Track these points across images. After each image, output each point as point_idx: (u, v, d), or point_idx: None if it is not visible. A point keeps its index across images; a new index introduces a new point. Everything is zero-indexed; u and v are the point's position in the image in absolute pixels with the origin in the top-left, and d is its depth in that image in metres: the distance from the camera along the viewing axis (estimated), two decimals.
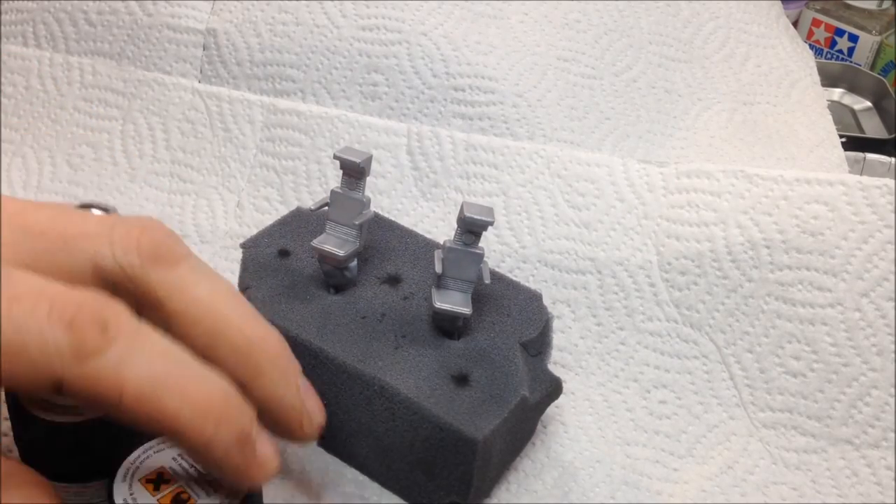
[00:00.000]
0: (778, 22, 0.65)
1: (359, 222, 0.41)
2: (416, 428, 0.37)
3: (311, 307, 0.41)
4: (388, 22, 0.55)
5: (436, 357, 0.39)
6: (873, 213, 0.44)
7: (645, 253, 0.47)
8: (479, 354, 0.39)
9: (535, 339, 0.41)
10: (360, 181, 0.41)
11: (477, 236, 0.39)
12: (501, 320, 0.41)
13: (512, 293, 0.43)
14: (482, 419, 0.36)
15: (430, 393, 0.37)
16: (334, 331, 0.40)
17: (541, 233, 0.48)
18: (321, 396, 0.36)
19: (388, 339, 0.40)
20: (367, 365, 0.38)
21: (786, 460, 0.43)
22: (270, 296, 0.41)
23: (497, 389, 0.38)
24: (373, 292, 0.42)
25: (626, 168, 0.49)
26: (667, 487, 0.42)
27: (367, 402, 0.38)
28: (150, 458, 0.32)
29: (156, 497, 0.31)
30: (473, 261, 0.39)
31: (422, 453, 0.38)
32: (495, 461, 0.38)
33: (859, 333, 0.44)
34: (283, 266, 0.43)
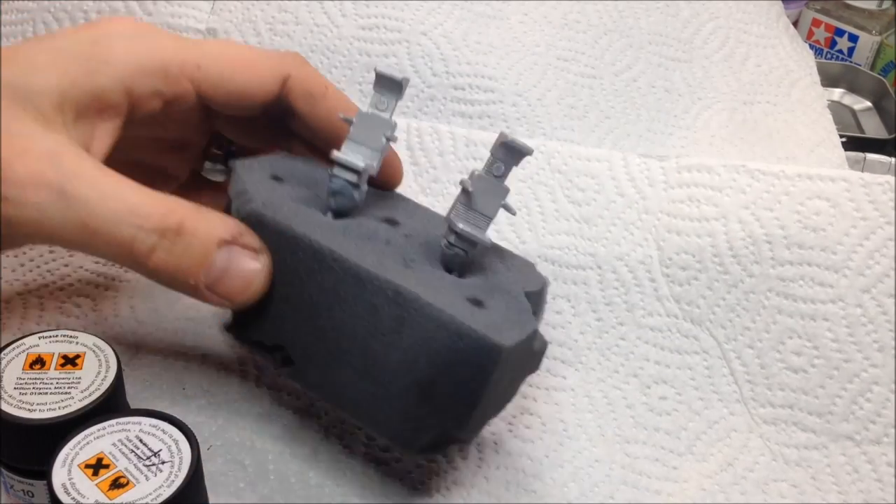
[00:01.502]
0: (778, 22, 0.65)
1: (383, 143, 0.39)
2: (429, 339, 0.34)
3: (316, 219, 0.38)
4: (388, 21, 0.55)
5: (447, 280, 0.37)
6: (875, 210, 0.44)
7: (645, 248, 0.47)
8: (489, 288, 0.38)
9: (534, 294, 0.39)
10: (392, 101, 0.39)
11: (507, 168, 0.38)
12: (504, 271, 0.40)
13: (509, 256, 0.42)
14: (505, 332, 0.34)
15: (447, 304, 0.35)
16: (342, 240, 0.37)
17: (541, 228, 0.48)
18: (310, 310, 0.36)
19: (396, 259, 0.37)
20: (380, 270, 0.36)
21: (786, 457, 0.43)
22: (272, 200, 0.38)
23: (514, 315, 0.36)
24: (374, 224, 0.40)
25: (626, 163, 0.49)
26: (666, 486, 0.42)
27: (371, 312, 0.35)
28: (90, 443, 0.33)
29: (94, 482, 0.31)
30: (499, 194, 0.38)
31: (426, 371, 0.35)
32: (500, 390, 0.36)
33: (860, 329, 0.43)
34: (280, 187, 0.40)
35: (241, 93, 0.40)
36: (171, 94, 0.39)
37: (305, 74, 0.41)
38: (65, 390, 0.35)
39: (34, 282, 0.48)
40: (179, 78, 0.39)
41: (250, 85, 0.40)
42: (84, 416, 0.34)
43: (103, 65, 0.37)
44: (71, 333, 0.38)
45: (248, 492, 0.39)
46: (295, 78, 0.41)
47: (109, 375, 0.36)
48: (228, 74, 0.40)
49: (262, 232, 0.37)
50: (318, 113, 0.42)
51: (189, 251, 0.34)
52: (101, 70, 0.37)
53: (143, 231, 0.34)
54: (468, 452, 0.42)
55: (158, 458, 0.32)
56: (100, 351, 0.37)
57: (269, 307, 0.37)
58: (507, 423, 0.44)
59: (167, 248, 0.34)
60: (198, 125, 0.43)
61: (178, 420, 0.34)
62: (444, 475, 0.41)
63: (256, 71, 0.40)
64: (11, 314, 0.46)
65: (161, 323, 0.46)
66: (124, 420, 0.34)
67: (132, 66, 0.38)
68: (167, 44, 0.39)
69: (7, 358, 0.36)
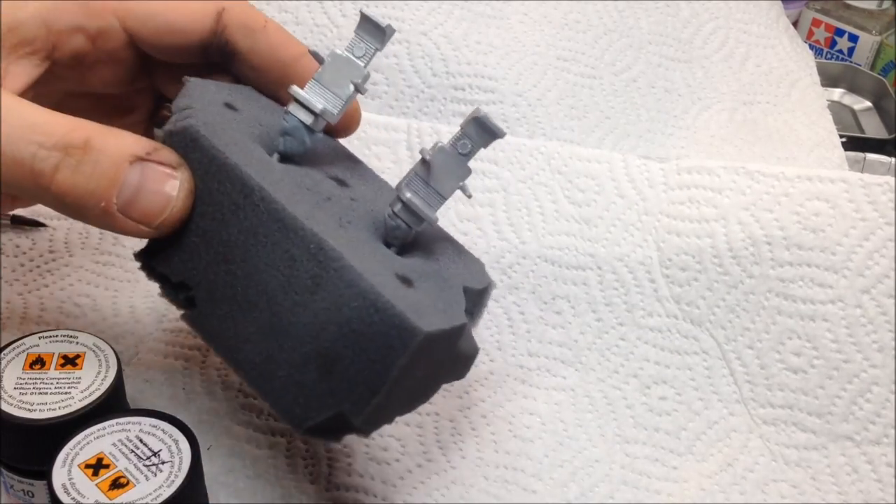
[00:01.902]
0: (778, 22, 0.65)
1: (350, 91, 0.36)
2: (343, 306, 0.31)
3: (257, 155, 0.35)
4: (388, 21, 0.55)
5: (382, 252, 0.34)
6: (874, 211, 0.44)
7: (645, 249, 0.47)
8: (424, 271, 0.35)
9: (475, 292, 0.36)
10: (371, 49, 0.36)
11: (475, 148, 0.35)
12: (447, 261, 0.37)
13: (458, 250, 0.39)
14: (427, 317, 0.31)
15: (372, 272, 0.31)
16: (277, 181, 0.33)
17: (541, 229, 0.48)
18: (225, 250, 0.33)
19: (331, 216, 0.34)
20: (309, 221, 0.32)
21: (786, 457, 0.43)
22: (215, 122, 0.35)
23: (442, 304, 0.33)
24: (319, 177, 0.36)
25: (626, 164, 0.49)
26: (666, 486, 0.42)
27: (288, 264, 0.32)
28: (90, 443, 0.33)
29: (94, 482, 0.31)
30: (459, 173, 0.35)
31: (333, 341, 0.31)
32: (410, 384, 0.32)
33: (860, 330, 0.43)
34: (233, 115, 0.36)
35: (171, 27, 0.37)
36: (94, 29, 0.36)
37: (241, 7, 0.38)
38: (65, 390, 0.35)
39: (34, 282, 0.48)
40: (102, 11, 0.37)
41: (180, 18, 0.37)
42: (84, 416, 0.34)
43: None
44: (71, 333, 0.38)
45: (248, 492, 0.39)
46: (230, 11, 0.38)
47: (109, 375, 0.36)
48: (156, 7, 0.37)
49: (192, 154, 0.33)
50: (258, 49, 0.39)
51: (97, 169, 0.31)
52: (19, 3, 0.35)
53: (45, 148, 0.31)
54: (468, 452, 0.42)
55: (158, 458, 0.32)
56: (100, 351, 0.37)
57: (183, 239, 0.34)
58: (507, 423, 0.44)
59: (72, 167, 0.31)
60: (136, 77, 0.40)
61: (178, 420, 0.34)
62: (444, 475, 0.41)
63: (187, 2, 0.38)
64: (11, 314, 0.46)
65: (161, 323, 0.46)
66: (124, 420, 0.34)
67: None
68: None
69: (7, 358, 0.36)
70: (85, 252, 0.49)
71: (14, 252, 0.49)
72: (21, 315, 0.46)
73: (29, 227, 0.49)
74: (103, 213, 0.32)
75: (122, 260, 0.49)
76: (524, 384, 0.45)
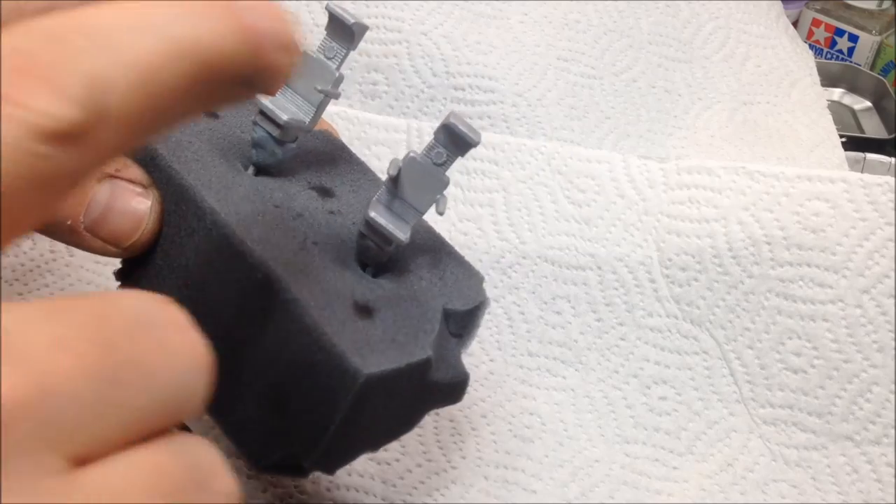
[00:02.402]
0: (778, 22, 0.65)
1: (321, 92, 0.33)
2: (289, 341, 0.29)
3: (220, 171, 0.32)
4: (388, 21, 0.55)
5: (343, 276, 0.31)
6: (874, 211, 0.44)
7: (645, 249, 0.47)
8: (393, 295, 0.32)
9: (461, 314, 0.34)
10: (342, 50, 0.34)
11: (451, 157, 0.32)
12: (431, 278, 0.34)
13: (454, 264, 0.36)
14: (373, 356, 0.29)
15: (322, 305, 0.29)
16: (236, 202, 0.31)
17: (541, 229, 0.48)
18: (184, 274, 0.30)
19: (294, 237, 0.32)
20: (260, 247, 0.30)
21: (786, 457, 0.43)
22: (178, 139, 0.32)
23: (402, 337, 0.30)
24: (297, 190, 0.34)
25: (626, 164, 0.49)
26: (666, 486, 0.42)
27: (239, 293, 0.30)
28: None
29: None
30: (434, 185, 0.32)
31: (281, 378, 0.29)
32: (365, 423, 0.30)
33: (860, 330, 0.43)
34: (207, 124, 0.34)
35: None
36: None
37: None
38: None
39: (34, 282, 0.48)
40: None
41: None
42: None
43: None
44: None
45: (247, 492, 0.39)
46: None
47: None
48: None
49: (152, 173, 0.31)
50: None
51: None
52: None
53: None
54: (468, 452, 0.42)
55: None
56: None
57: (149, 261, 0.32)
58: (507, 423, 0.44)
59: None
60: None
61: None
62: (444, 475, 0.41)
63: None
64: None
65: None
66: None
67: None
68: None
69: None
70: (85, 252, 0.49)
71: (14, 252, 0.49)
72: None
73: None
74: (69, 232, 0.30)
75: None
76: (524, 384, 0.45)
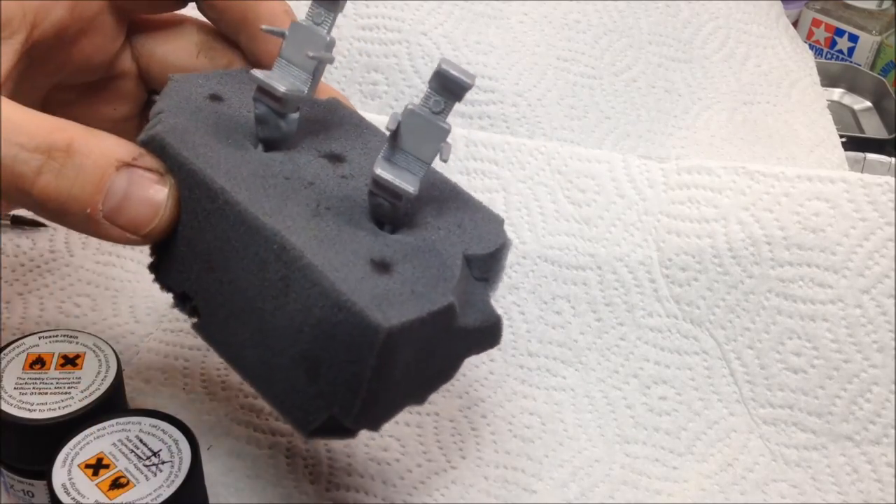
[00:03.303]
0: (778, 22, 0.65)
1: (313, 58, 0.33)
2: (311, 306, 0.29)
3: (228, 151, 0.33)
4: (388, 21, 0.55)
5: (358, 236, 0.32)
6: (874, 211, 0.44)
7: (645, 249, 0.47)
8: (411, 249, 0.32)
9: (482, 258, 0.34)
10: (329, 13, 0.34)
11: (448, 103, 0.32)
12: (449, 227, 0.34)
13: (473, 210, 0.35)
14: (394, 308, 0.29)
15: (337, 266, 0.30)
16: (246, 179, 0.32)
17: (541, 229, 0.48)
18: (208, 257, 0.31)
19: (307, 205, 0.32)
20: (273, 219, 0.30)
21: (786, 457, 0.43)
22: (185, 126, 0.33)
23: (422, 287, 0.31)
24: (307, 160, 0.35)
25: (626, 164, 0.49)
26: (666, 486, 0.42)
27: (260, 267, 0.30)
28: (90, 443, 0.33)
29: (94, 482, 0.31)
30: (435, 135, 0.32)
31: (309, 344, 0.30)
32: (398, 377, 0.31)
33: (860, 330, 0.43)
34: (212, 108, 0.35)
35: None
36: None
37: None
38: (65, 390, 0.35)
39: (34, 282, 0.48)
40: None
41: None
42: (84, 416, 0.34)
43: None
44: (71, 333, 0.38)
45: (247, 492, 0.39)
46: None
47: (109, 375, 0.36)
48: None
49: (165, 162, 0.32)
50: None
51: (81, 174, 0.30)
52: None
53: (26, 150, 0.29)
54: (468, 452, 0.42)
55: (158, 458, 0.32)
56: (100, 351, 0.37)
57: (174, 249, 0.33)
58: (507, 423, 0.44)
59: (55, 171, 0.30)
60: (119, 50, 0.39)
61: (178, 420, 0.34)
62: (444, 475, 0.41)
63: None
64: (11, 314, 0.46)
65: (161, 323, 0.46)
66: (124, 420, 0.34)
67: None
68: None
69: (7, 358, 0.36)
70: (85, 252, 0.49)
71: (14, 252, 0.49)
72: (21, 315, 0.46)
73: (29, 227, 0.50)
74: (87, 220, 0.31)
75: (122, 260, 0.49)
76: (524, 384, 0.45)
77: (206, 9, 0.39)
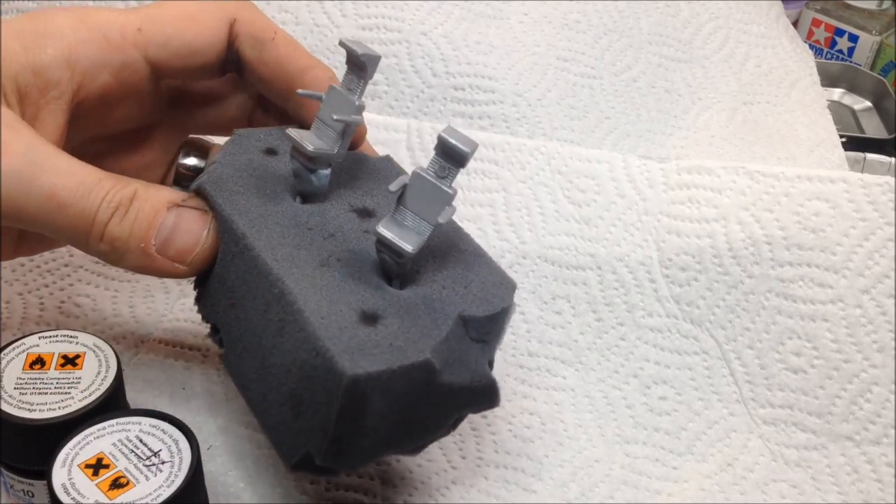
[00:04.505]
0: (778, 22, 0.65)
1: (340, 122, 0.36)
2: (298, 348, 0.32)
3: (262, 201, 0.37)
4: (388, 21, 0.55)
5: (358, 289, 0.34)
6: (874, 211, 0.44)
7: (645, 249, 0.47)
8: (407, 304, 0.34)
9: (480, 320, 0.34)
10: (360, 81, 0.37)
11: (452, 170, 0.33)
12: (454, 287, 0.35)
13: (486, 272, 0.37)
14: (365, 359, 0.30)
15: (325, 314, 0.32)
16: (269, 227, 0.35)
17: (541, 229, 0.48)
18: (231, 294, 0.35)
19: (319, 254, 0.35)
20: (280, 265, 0.33)
21: (786, 457, 0.43)
22: (230, 178, 0.37)
23: (402, 342, 0.32)
24: (336, 213, 0.37)
25: (626, 164, 0.49)
26: (666, 486, 0.42)
27: (265, 308, 0.33)
28: (90, 443, 0.33)
29: (94, 482, 0.31)
30: (439, 198, 0.33)
31: (295, 383, 0.32)
32: (373, 424, 0.32)
33: (860, 330, 0.43)
34: (263, 162, 0.38)
35: (188, 47, 0.39)
36: (117, 64, 0.37)
37: (252, 18, 0.40)
38: (65, 390, 0.35)
39: (34, 282, 0.48)
40: (122, 44, 0.37)
41: (197, 37, 0.39)
42: (84, 416, 0.34)
43: (41, 38, 0.35)
44: (71, 333, 0.38)
45: (247, 492, 0.39)
46: (241, 22, 0.39)
47: (109, 375, 0.36)
48: (171, 30, 0.38)
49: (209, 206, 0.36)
50: (266, 59, 0.39)
51: (140, 215, 0.34)
52: (40, 44, 0.35)
53: (106, 202, 0.33)
54: (468, 452, 0.42)
55: (158, 458, 0.32)
56: (100, 351, 0.37)
57: (209, 285, 0.36)
58: (507, 423, 0.44)
59: (121, 216, 0.34)
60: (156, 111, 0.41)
61: (178, 420, 0.34)
62: (444, 475, 0.41)
63: (200, 20, 0.39)
64: (11, 314, 0.46)
65: (161, 323, 0.46)
66: (124, 420, 0.34)
67: (70, 38, 0.36)
68: (106, 13, 0.38)
69: (7, 358, 0.36)
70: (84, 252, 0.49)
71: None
72: (21, 315, 0.46)
73: None
74: (142, 254, 0.34)
75: None
76: (524, 384, 0.45)
77: (254, 81, 0.41)
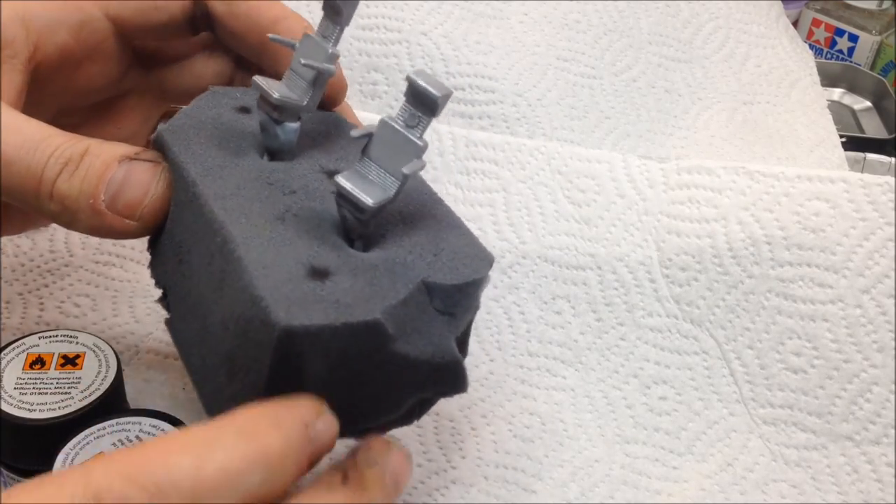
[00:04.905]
0: (778, 22, 0.65)
1: (310, 68, 0.33)
2: (235, 301, 0.28)
3: (222, 154, 0.33)
4: (388, 21, 0.55)
5: (311, 245, 0.30)
6: (874, 211, 0.44)
7: (645, 249, 0.47)
8: (364, 265, 0.30)
9: (446, 289, 0.31)
10: (335, 27, 0.34)
11: (423, 119, 0.30)
12: (422, 252, 0.32)
13: (459, 242, 0.33)
14: (304, 312, 0.27)
15: (268, 265, 0.28)
16: (224, 178, 0.32)
17: (541, 229, 0.48)
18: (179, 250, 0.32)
19: (275, 209, 0.31)
20: (227, 214, 0.30)
21: (786, 457, 0.43)
22: (192, 128, 0.34)
23: (350, 299, 0.28)
24: (303, 171, 0.34)
25: (626, 164, 0.49)
26: (666, 486, 0.42)
27: (209, 260, 0.30)
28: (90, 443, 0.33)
29: None
30: (407, 150, 0.30)
31: (231, 342, 0.29)
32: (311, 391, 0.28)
33: (860, 330, 0.43)
34: (233, 117, 0.36)
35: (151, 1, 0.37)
36: (75, 22, 0.36)
37: None
38: (65, 390, 0.35)
39: (34, 282, 0.48)
40: (81, 2, 0.36)
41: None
42: (84, 416, 0.34)
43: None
44: (71, 333, 0.38)
45: None
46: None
47: (109, 375, 0.36)
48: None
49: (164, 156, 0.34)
50: (236, 12, 0.38)
51: (90, 171, 0.32)
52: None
53: (54, 158, 0.32)
54: (468, 452, 0.42)
55: None
56: (100, 351, 0.37)
57: (159, 244, 0.33)
58: (507, 423, 0.44)
59: (70, 172, 0.32)
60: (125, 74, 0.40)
61: (178, 420, 0.34)
62: (444, 475, 0.41)
63: None
64: (11, 314, 0.46)
65: (161, 323, 0.46)
66: (124, 420, 0.34)
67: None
68: None
69: (7, 358, 0.36)
70: (85, 252, 0.49)
71: (14, 252, 0.49)
72: (21, 315, 0.46)
73: None
74: (92, 212, 0.32)
75: (122, 260, 0.49)
76: (524, 384, 0.45)
77: (226, 38, 0.39)
